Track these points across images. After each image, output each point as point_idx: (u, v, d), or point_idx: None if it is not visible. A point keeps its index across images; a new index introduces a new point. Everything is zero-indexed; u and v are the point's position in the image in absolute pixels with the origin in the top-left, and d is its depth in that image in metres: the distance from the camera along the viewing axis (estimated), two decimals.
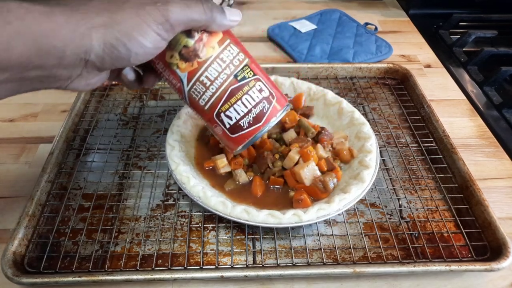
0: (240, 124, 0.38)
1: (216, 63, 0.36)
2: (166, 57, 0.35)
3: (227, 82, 0.36)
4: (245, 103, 0.37)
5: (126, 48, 0.29)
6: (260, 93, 0.38)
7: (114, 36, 0.29)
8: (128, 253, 0.42)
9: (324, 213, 0.41)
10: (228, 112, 0.38)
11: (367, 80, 0.68)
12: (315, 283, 0.40)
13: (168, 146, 0.47)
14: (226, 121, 0.38)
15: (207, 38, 0.35)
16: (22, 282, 0.37)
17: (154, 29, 0.30)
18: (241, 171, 0.46)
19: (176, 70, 0.36)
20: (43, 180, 0.46)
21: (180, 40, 0.34)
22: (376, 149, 0.48)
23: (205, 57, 0.35)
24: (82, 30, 0.28)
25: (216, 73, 0.36)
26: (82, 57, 0.29)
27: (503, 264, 0.39)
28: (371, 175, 0.45)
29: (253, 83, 0.37)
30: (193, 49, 0.35)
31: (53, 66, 0.28)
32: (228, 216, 0.41)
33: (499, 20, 0.87)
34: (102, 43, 0.28)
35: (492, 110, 0.64)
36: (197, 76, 0.36)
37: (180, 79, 0.37)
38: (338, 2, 0.93)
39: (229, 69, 0.36)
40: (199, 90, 0.37)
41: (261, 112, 0.38)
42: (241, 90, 0.37)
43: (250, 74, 0.37)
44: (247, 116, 0.38)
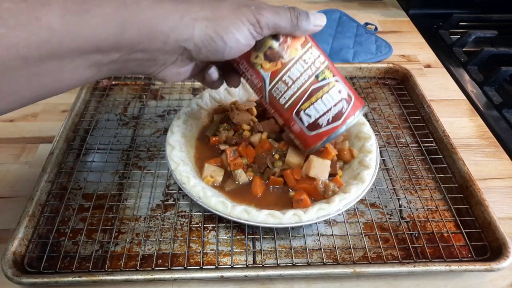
0: (319, 122, 0.40)
1: (299, 64, 0.38)
2: (251, 57, 0.38)
3: (308, 81, 0.38)
4: (325, 102, 0.39)
5: (223, 41, 0.32)
6: (340, 94, 0.39)
7: (214, 29, 0.31)
8: (128, 253, 0.42)
9: (324, 213, 0.41)
10: (308, 110, 0.39)
11: (367, 80, 0.68)
12: (315, 283, 0.40)
13: (168, 146, 0.47)
14: (305, 119, 0.40)
15: (291, 41, 0.37)
16: (22, 282, 0.37)
17: (247, 27, 0.33)
18: (241, 172, 0.46)
19: (259, 69, 0.38)
20: (43, 180, 0.46)
21: (266, 42, 0.37)
22: (376, 149, 0.48)
23: (289, 58, 0.37)
24: (187, 19, 0.30)
25: (298, 73, 0.38)
26: (183, 45, 0.31)
27: (503, 264, 0.39)
28: (371, 175, 0.44)
29: (333, 84, 0.39)
30: (278, 51, 0.37)
31: (156, 50, 0.31)
32: (228, 216, 0.41)
33: (499, 20, 0.87)
34: (203, 34, 0.31)
35: (492, 110, 0.64)
36: (280, 76, 0.38)
37: (263, 78, 0.39)
38: (338, 2, 0.93)
39: (311, 70, 0.38)
40: (280, 89, 0.39)
41: (340, 111, 0.40)
42: (322, 90, 0.39)
43: (330, 75, 0.39)
44: (327, 114, 0.39)
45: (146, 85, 0.65)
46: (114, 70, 0.31)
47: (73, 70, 0.28)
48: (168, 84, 0.65)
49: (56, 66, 0.27)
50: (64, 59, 0.27)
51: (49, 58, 0.26)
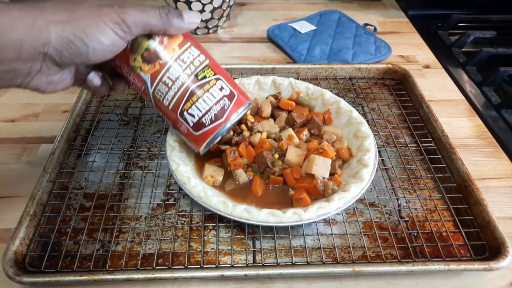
0: (202, 121, 0.40)
1: (177, 64, 0.37)
2: (130, 60, 0.37)
3: (188, 81, 0.38)
4: (206, 101, 0.39)
5: (83, 43, 0.31)
6: (221, 91, 0.40)
7: (71, 31, 0.30)
8: (129, 252, 0.42)
9: (324, 212, 0.41)
10: (191, 110, 0.39)
11: (366, 81, 0.68)
12: (314, 282, 0.41)
13: (169, 146, 0.47)
14: (190, 119, 0.40)
15: (168, 41, 0.37)
16: (23, 281, 0.38)
17: (111, 27, 0.31)
18: (241, 171, 0.46)
19: (139, 72, 0.38)
20: (44, 180, 0.47)
21: (141, 44, 0.36)
22: (375, 148, 0.48)
23: (166, 58, 0.37)
24: (40, 24, 0.29)
25: (177, 73, 0.38)
26: (40, 50, 0.30)
27: (502, 264, 0.39)
28: (370, 173, 0.45)
29: (214, 82, 0.39)
30: (154, 52, 0.37)
31: (12, 59, 0.29)
32: (229, 215, 0.41)
33: (498, 20, 0.87)
34: (60, 37, 0.30)
35: (490, 110, 0.64)
36: (160, 77, 0.38)
37: (144, 81, 0.38)
38: (338, 3, 0.94)
39: (190, 69, 0.38)
40: (162, 91, 0.39)
41: (222, 109, 0.40)
42: (202, 89, 0.39)
43: (210, 74, 0.39)
44: (209, 113, 0.39)
45: None
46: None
47: None
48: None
49: None
50: None
51: None
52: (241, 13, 0.89)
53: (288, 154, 0.47)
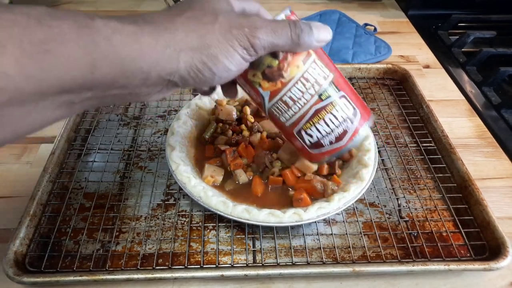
0: (321, 143, 0.38)
1: (300, 83, 0.34)
2: (248, 75, 0.35)
3: (311, 102, 0.35)
4: (328, 123, 0.36)
5: (211, 72, 0.29)
6: (344, 112, 0.36)
7: (201, 60, 0.28)
8: (129, 252, 0.42)
9: (324, 212, 0.41)
10: (310, 131, 0.37)
11: (366, 81, 0.68)
12: (314, 282, 0.41)
13: (168, 146, 0.47)
14: (307, 138, 0.38)
15: (292, 57, 0.34)
16: (23, 281, 0.38)
17: (240, 53, 0.29)
18: (241, 171, 0.46)
19: (258, 88, 0.35)
20: (45, 180, 0.47)
21: (264, 60, 0.33)
22: (374, 148, 0.48)
23: (289, 77, 0.34)
24: (169, 52, 0.27)
25: (300, 93, 0.35)
26: (167, 78, 0.28)
27: (502, 264, 0.39)
28: (370, 173, 0.45)
29: (337, 101, 0.36)
30: (277, 69, 0.34)
31: (136, 86, 0.28)
32: (229, 215, 0.41)
33: (498, 20, 0.87)
34: (189, 66, 0.28)
35: (490, 110, 0.64)
36: (280, 96, 0.35)
37: (262, 96, 0.36)
38: (338, 3, 0.94)
39: (314, 89, 0.35)
40: (281, 109, 0.36)
41: (343, 132, 0.37)
42: (325, 110, 0.36)
43: (334, 92, 0.36)
44: (330, 135, 0.37)
45: None
46: (90, 105, 0.28)
47: (39, 113, 0.25)
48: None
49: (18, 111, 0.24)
50: (26, 104, 0.24)
51: (7, 105, 0.23)
52: None
53: (280, 150, 0.47)
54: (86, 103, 0.27)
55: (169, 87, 0.30)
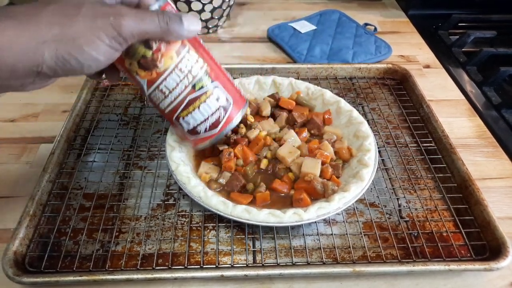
0: (197, 130, 0.40)
1: (175, 74, 0.36)
2: (125, 63, 0.36)
3: (185, 92, 0.38)
4: (202, 112, 0.39)
5: (78, 61, 0.30)
6: (217, 101, 0.39)
7: (66, 50, 0.29)
8: (129, 252, 0.42)
9: (324, 212, 0.41)
10: (186, 118, 0.40)
11: (366, 81, 0.68)
12: (314, 282, 0.41)
13: (168, 146, 0.47)
14: (185, 125, 0.40)
15: (165, 48, 0.35)
16: (23, 281, 0.37)
17: (107, 43, 0.30)
18: (228, 174, 0.46)
19: (135, 76, 0.37)
20: (44, 180, 0.47)
21: (138, 50, 0.35)
22: (375, 148, 0.48)
23: (163, 67, 0.36)
24: (33, 44, 0.28)
25: (174, 83, 0.37)
26: (34, 70, 0.29)
27: (502, 264, 0.39)
28: (370, 173, 0.45)
29: (211, 92, 0.39)
30: (151, 60, 0.35)
31: (4, 78, 0.29)
32: (229, 215, 0.41)
33: (498, 20, 0.87)
34: (54, 56, 0.29)
35: (491, 110, 0.64)
36: (156, 85, 0.37)
37: (140, 84, 0.38)
38: (338, 2, 0.93)
39: (187, 79, 0.37)
40: (158, 97, 0.38)
41: (217, 119, 0.40)
42: (199, 99, 0.38)
43: (208, 82, 0.38)
44: (204, 123, 0.40)
45: None
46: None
47: None
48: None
49: None
50: None
51: None
52: (241, 12, 0.89)
53: (281, 148, 0.47)
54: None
55: (41, 78, 0.30)
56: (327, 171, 0.45)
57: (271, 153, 0.48)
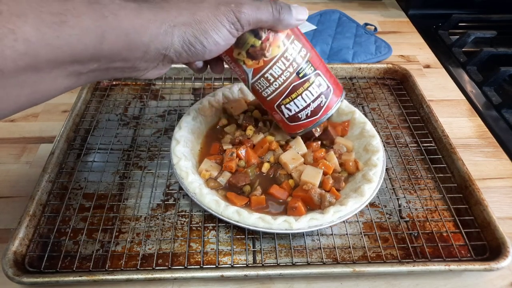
0: (298, 116, 0.42)
1: (281, 62, 0.38)
2: (234, 53, 0.38)
3: (290, 79, 0.39)
4: (305, 98, 0.41)
5: (202, 45, 0.32)
6: (319, 88, 0.41)
7: (193, 34, 0.31)
8: (129, 252, 0.42)
9: (316, 223, 0.40)
10: (289, 105, 0.41)
11: (366, 81, 0.68)
12: (314, 282, 0.41)
13: (174, 140, 0.47)
14: (286, 112, 0.42)
15: (273, 38, 0.37)
16: (23, 281, 0.37)
17: (227, 28, 0.32)
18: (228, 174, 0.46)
19: (242, 65, 0.39)
20: (44, 180, 0.47)
21: (248, 40, 0.36)
22: (382, 164, 0.46)
23: (271, 56, 0.38)
24: (166, 27, 0.30)
25: (280, 71, 0.39)
26: (163, 52, 0.31)
27: (502, 264, 0.39)
28: (372, 190, 0.43)
29: (313, 78, 0.40)
30: (260, 49, 0.37)
31: (137, 59, 0.31)
32: (220, 215, 0.41)
33: (498, 20, 0.87)
34: (182, 40, 0.31)
35: (491, 110, 0.64)
36: (262, 73, 0.39)
37: (246, 72, 0.39)
38: (338, 2, 0.93)
39: (292, 67, 0.39)
40: (263, 85, 0.40)
41: (318, 106, 0.42)
42: (302, 87, 0.40)
43: (311, 70, 0.40)
44: (306, 109, 0.42)
45: (147, 85, 0.65)
46: (94, 77, 0.31)
47: (51, 80, 0.28)
48: (168, 85, 0.65)
49: (33, 77, 0.26)
50: (41, 70, 0.26)
51: (26, 70, 0.25)
52: None
53: (284, 153, 0.46)
54: (91, 74, 0.30)
55: (165, 63, 0.33)
56: (327, 182, 0.44)
57: (274, 157, 0.48)
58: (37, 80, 0.27)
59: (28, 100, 0.28)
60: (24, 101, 0.28)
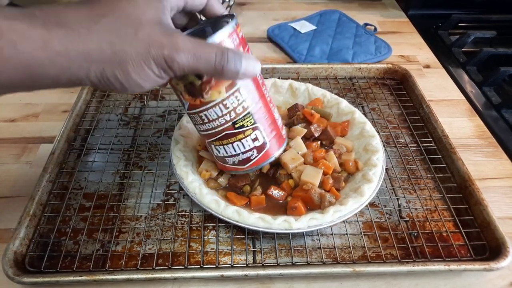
0: (226, 160, 0.41)
1: (218, 108, 0.35)
2: (173, 81, 0.35)
3: (224, 126, 0.37)
4: (235, 148, 0.39)
5: (122, 85, 0.29)
6: (253, 142, 0.39)
7: (112, 73, 0.28)
8: (129, 252, 0.42)
9: (316, 223, 0.40)
10: (218, 147, 0.40)
11: (366, 81, 0.68)
12: (314, 282, 0.41)
13: (173, 140, 0.47)
14: (215, 151, 0.41)
15: (215, 82, 0.33)
16: (23, 281, 0.37)
17: (155, 72, 0.29)
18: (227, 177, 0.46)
19: (179, 94, 0.36)
20: (44, 180, 0.47)
21: (187, 76, 0.33)
22: (382, 164, 0.46)
23: (209, 99, 0.35)
24: (80, 61, 0.27)
25: (215, 116, 0.36)
26: (77, 83, 0.29)
27: (502, 264, 0.39)
28: (372, 189, 0.43)
29: (250, 132, 0.38)
30: (199, 89, 0.34)
31: (48, 86, 0.28)
32: (220, 215, 0.41)
33: (498, 20, 0.87)
34: (100, 76, 0.28)
35: (491, 110, 0.64)
36: (197, 111, 0.36)
37: (183, 102, 0.37)
38: (338, 2, 0.93)
39: (229, 116, 0.36)
40: (197, 120, 0.38)
41: (247, 159, 0.40)
42: (235, 137, 0.38)
43: (249, 123, 0.37)
44: (234, 157, 0.40)
45: None
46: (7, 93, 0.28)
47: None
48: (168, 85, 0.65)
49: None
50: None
51: None
52: (241, 13, 0.89)
53: (283, 154, 0.46)
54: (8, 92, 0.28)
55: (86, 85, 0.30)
56: (327, 182, 0.44)
57: None
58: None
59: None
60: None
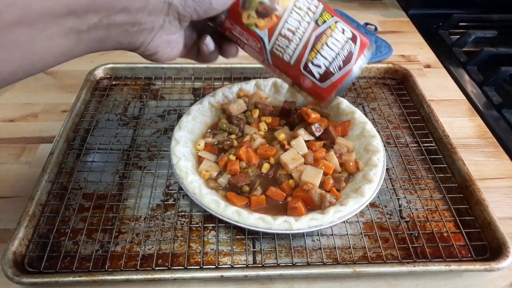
0: (330, 70, 0.38)
1: (295, 13, 0.35)
2: (243, 18, 0.35)
3: (309, 29, 0.36)
4: (331, 47, 0.37)
5: None
6: (344, 34, 0.37)
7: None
8: (128, 253, 0.42)
9: (316, 224, 0.40)
10: (316, 60, 0.37)
11: (367, 80, 0.68)
12: (315, 282, 0.40)
13: (173, 140, 0.47)
14: (315, 70, 0.38)
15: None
16: (23, 282, 0.37)
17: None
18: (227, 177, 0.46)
19: (255, 30, 0.36)
20: (44, 180, 0.47)
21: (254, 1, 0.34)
22: (383, 164, 0.46)
23: (282, 8, 0.35)
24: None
25: (296, 22, 0.36)
26: (167, 0, 0.29)
27: (503, 264, 0.39)
28: (373, 190, 0.43)
29: (334, 25, 0.37)
30: (269, 4, 0.35)
31: (138, 9, 0.28)
32: (220, 215, 0.41)
33: (499, 20, 0.87)
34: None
35: (491, 110, 0.64)
36: (278, 30, 0.36)
37: (261, 38, 0.36)
38: (338, 2, 0.93)
39: (308, 16, 0.36)
40: (281, 45, 0.37)
41: (349, 53, 0.37)
42: (325, 34, 0.36)
43: (329, 17, 0.37)
44: (336, 59, 0.37)
45: (146, 85, 0.65)
46: (97, 40, 0.28)
47: (48, 39, 0.25)
48: (168, 85, 0.65)
49: (27, 34, 0.24)
50: (35, 25, 0.24)
51: (17, 24, 0.23)
52: None
53: (284, 154, 0.46)
54: (93, 34, 0.27)
55: (170, 19, 0.31)
56: (327, 182, 0.44)
57: (274, 158, 0.48)
58: (31, 39, 0.24)
59: (22, 65, 0.25)
60: (18, 65, 0.25)
